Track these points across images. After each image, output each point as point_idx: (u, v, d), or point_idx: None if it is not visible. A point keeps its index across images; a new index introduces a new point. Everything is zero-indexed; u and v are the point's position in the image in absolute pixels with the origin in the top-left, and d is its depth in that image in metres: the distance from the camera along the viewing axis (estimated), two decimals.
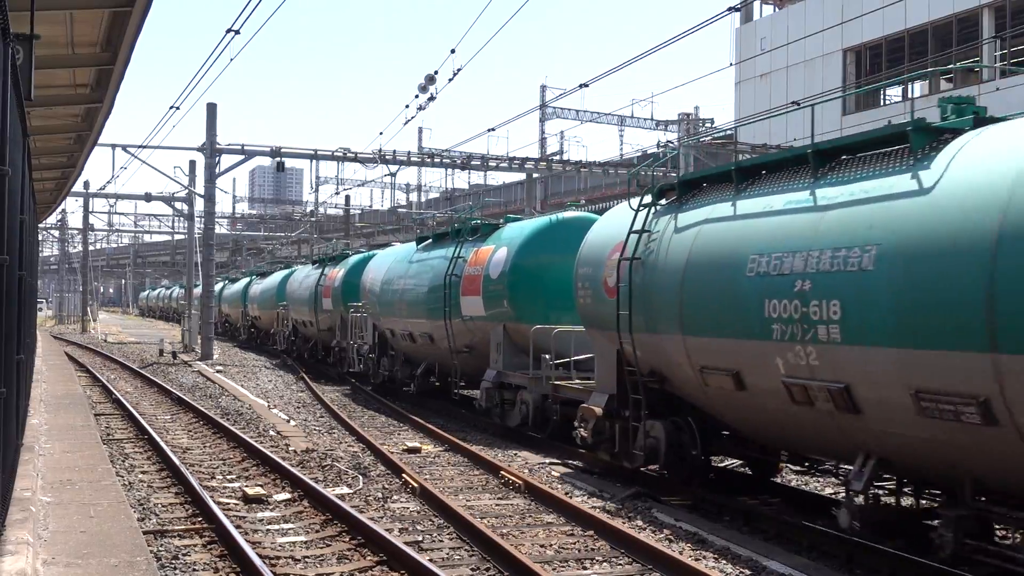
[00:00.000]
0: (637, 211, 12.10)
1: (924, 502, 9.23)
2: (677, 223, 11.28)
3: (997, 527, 8.69)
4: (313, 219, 61.68)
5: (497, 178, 66.87)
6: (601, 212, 14.69)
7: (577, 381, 14.75)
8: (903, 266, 7.81)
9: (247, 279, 50.55)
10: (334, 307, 28.96)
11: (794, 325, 8.80)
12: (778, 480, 12.11)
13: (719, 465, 12.93)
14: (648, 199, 12.12)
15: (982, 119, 8.55)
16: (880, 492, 9.30)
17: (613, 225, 12.88)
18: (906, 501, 9.31)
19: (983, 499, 7.83)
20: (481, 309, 17.55)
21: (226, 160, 35.76)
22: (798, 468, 12.38)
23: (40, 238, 51.86)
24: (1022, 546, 7.98)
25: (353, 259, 28.88)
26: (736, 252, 9.84)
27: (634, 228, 11.86)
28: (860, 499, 8.73)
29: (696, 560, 8.57)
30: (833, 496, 11.69)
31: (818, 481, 12.48)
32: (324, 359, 31.51)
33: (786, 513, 10.40)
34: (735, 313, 9.67)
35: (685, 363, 10.70)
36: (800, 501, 11.36)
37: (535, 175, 43.39)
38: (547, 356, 15.30)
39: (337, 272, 29.35)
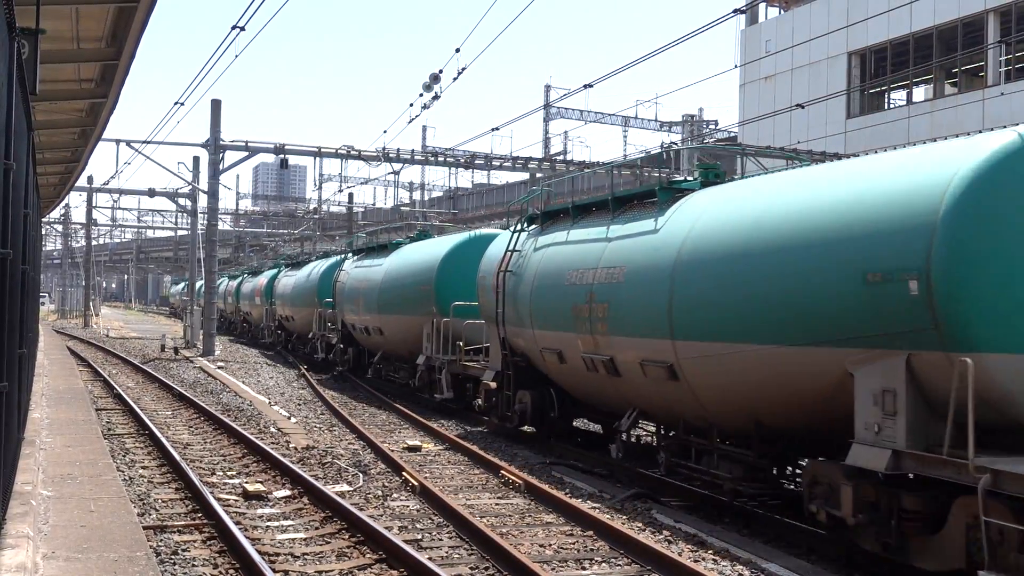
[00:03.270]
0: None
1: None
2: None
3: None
4: (316, 216, 61.68)
5: (500, 177, 66.88)
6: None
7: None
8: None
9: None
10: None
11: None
12: (624, 439, 13.38)
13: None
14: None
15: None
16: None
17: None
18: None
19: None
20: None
21: (230, 156, 35.79)
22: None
23: (43, 232, 51.93)
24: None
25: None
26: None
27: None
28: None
29: (695, 561, 8.57)
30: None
31: None
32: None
33: (785, 516, 10.40)
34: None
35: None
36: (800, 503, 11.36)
37: (538, 175, 43.38)
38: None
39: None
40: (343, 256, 30.41)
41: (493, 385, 16.24)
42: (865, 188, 8.83)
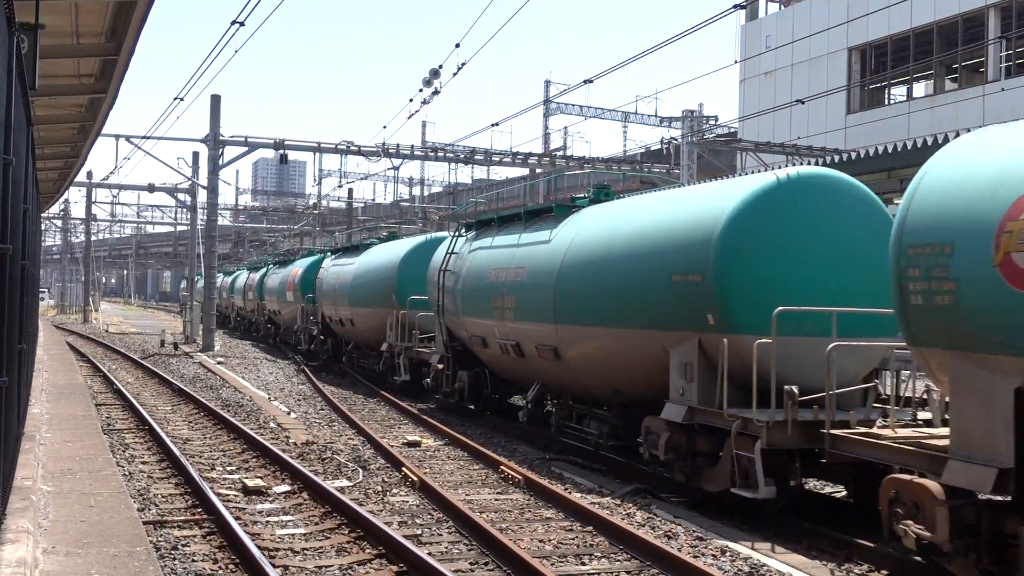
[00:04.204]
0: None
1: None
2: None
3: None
4: (316, 212, 61.65)
5: (500, 173, 66.81)
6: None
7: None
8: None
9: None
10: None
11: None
12: (529, 408, 16.04)
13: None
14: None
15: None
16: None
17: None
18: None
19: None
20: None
21: (229, 152, 35.76)
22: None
23: (43, 228, 51.89)
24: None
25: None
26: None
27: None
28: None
29: (695, 557, 8.58)
30: (831, 495, 11.73)
31: (817, 481, 12.49)
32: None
33: (785, 511, 10.41)
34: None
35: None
36: (801, 500, 11.38)
37: (538, 170, 43.36)
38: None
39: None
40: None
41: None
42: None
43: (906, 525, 7.67)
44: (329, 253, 32.20)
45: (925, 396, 10.10)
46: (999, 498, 7.22)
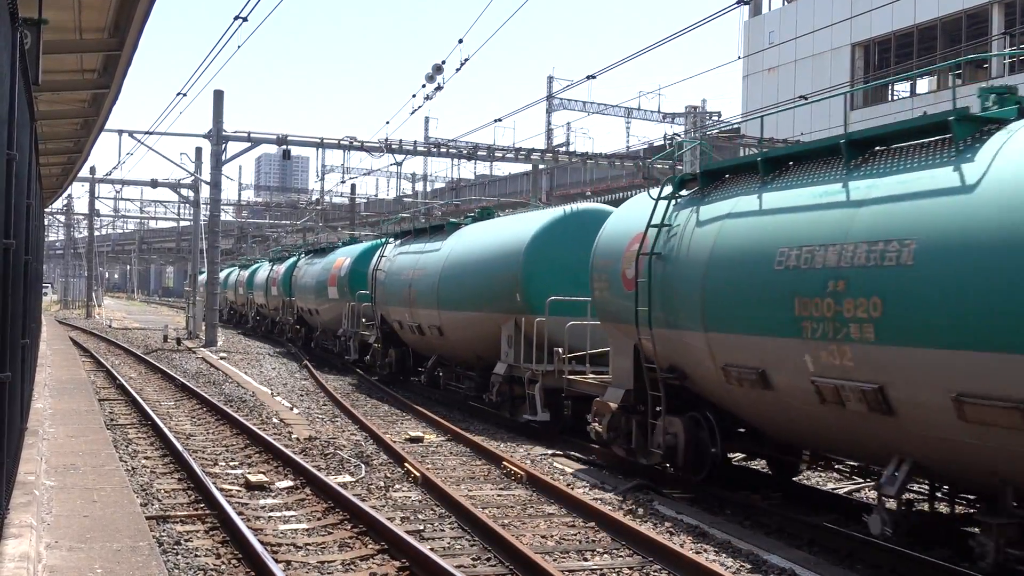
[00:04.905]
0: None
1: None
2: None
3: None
4: (319, 207, 61.64)
5: (503, 169, 66.77)
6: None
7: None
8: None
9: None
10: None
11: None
12: (802, 480, 12.15)
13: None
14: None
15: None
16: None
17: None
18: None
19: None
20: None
21: (232, 147, 35.72)
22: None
23: (46, 223, 51.87)
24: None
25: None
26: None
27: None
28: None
29: (697, 553, 8.58)
30: (833, 492, 11.72)
31: (819, 477, 12.49)
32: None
33: (788, 508, 10.41)
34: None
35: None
36: (803, 497, 11.37)
37: (541, 166, 43.33)
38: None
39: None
40: (382, 241, 26.16)
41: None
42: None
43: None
44: (391, 239, 25.12)
45: None
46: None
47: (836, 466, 10.81)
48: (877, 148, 9.03)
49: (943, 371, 7.48)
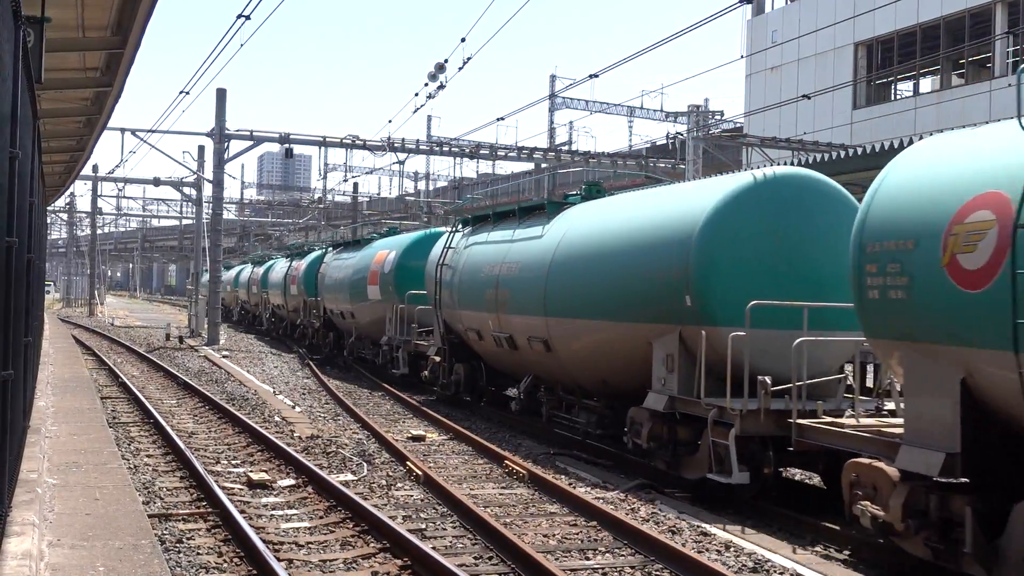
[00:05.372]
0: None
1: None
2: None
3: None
4: (321, 206, 61.66)
5: (506, 168, 66.77)
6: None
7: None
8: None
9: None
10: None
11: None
12: (522, 398, 16.32)
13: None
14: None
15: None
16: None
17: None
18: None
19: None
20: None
21: (235, 146, 35.75)
22: None
23: (48, 221, 51.92)
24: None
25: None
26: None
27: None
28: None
29: (699, 552, 8.57)
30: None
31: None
32: None
33: (790, 508, 10.40)
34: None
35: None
36: (804, 496, 11.37)
37: (543, 165, 43.32)
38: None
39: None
40: (452, 230, 20.29)
41: (437, 359, 19.43)
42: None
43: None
44: (457, 227, 19.96)
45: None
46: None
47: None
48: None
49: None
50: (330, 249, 32.12)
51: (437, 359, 19.31)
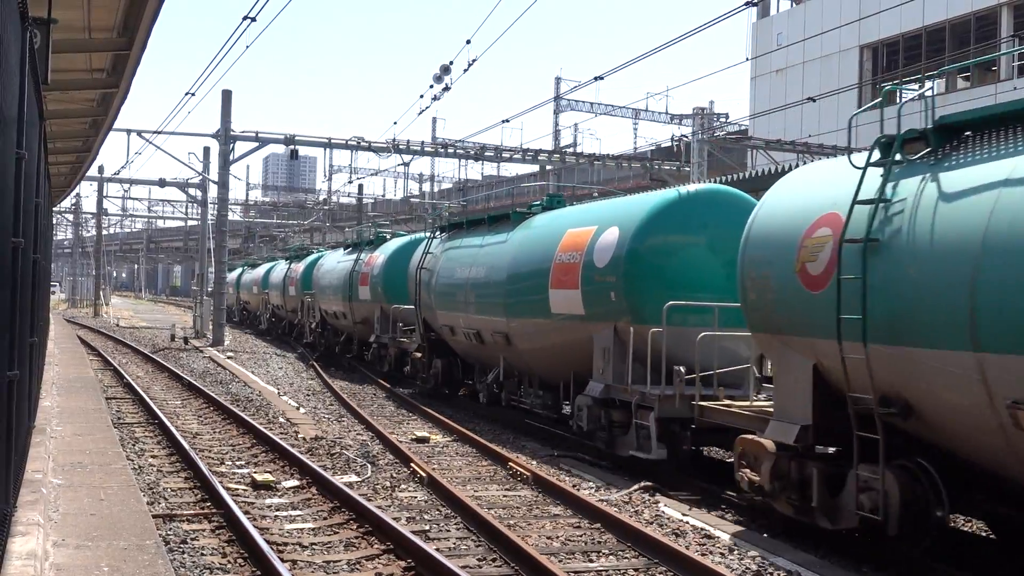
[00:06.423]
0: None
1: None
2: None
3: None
4: (326, 207, 61.74)
5: (511, 169, 66.78)
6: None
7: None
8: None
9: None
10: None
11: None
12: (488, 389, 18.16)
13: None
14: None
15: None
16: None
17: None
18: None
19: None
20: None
21: (240, 147, 35.83)
22: None
23: (54, 221, 52.05)
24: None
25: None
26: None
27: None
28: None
29: (703, 555, 8.57)
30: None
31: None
32: None
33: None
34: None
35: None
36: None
37: (548, 167, 43.34)
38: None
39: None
40: (430, 236, 21.48)
41: (419, 356, 20.80)
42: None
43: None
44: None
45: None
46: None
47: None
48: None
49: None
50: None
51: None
